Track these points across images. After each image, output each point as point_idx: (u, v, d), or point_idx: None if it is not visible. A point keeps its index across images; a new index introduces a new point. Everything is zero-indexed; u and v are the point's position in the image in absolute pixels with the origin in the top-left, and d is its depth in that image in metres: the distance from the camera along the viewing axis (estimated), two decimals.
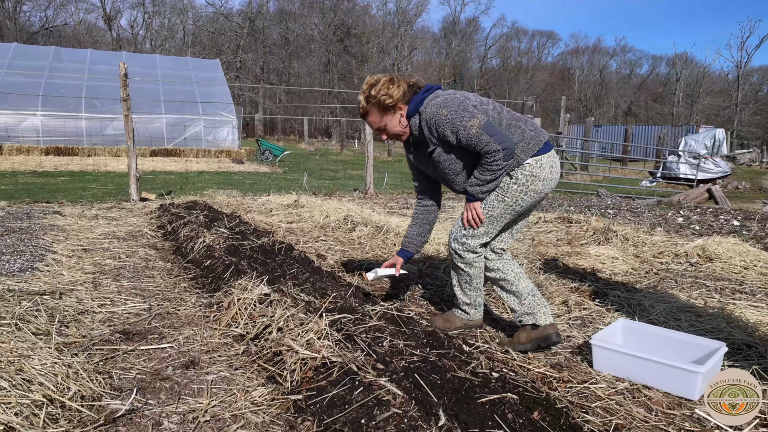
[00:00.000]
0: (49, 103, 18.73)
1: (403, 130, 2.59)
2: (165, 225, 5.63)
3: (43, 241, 4.40)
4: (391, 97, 2.50)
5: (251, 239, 4.48)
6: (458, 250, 2.64)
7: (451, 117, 2.40)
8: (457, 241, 2.64)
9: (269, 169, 16.20)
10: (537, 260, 4.38)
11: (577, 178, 17.85)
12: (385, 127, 2.60)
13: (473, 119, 2.39)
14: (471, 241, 2.60)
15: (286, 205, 7.40)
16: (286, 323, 2.53)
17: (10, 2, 46.80)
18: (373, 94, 2.52)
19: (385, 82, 2.52)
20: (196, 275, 3.76)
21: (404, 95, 2.53)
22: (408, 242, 2.94)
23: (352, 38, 54.26)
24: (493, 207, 2.55)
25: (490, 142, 2.36)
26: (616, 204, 9.58)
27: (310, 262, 3.85)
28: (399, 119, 2.56)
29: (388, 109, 2.54)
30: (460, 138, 2.42)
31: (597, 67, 70.85)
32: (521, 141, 2.49)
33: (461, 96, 2.51)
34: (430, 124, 2.47)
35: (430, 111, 2.47)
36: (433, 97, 2.52)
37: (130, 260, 4.09)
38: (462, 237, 2.62)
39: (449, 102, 2.45)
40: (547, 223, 6.48)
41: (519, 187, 2.51)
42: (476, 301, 2.77)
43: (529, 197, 2.54)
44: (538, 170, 2.50)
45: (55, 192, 9.33)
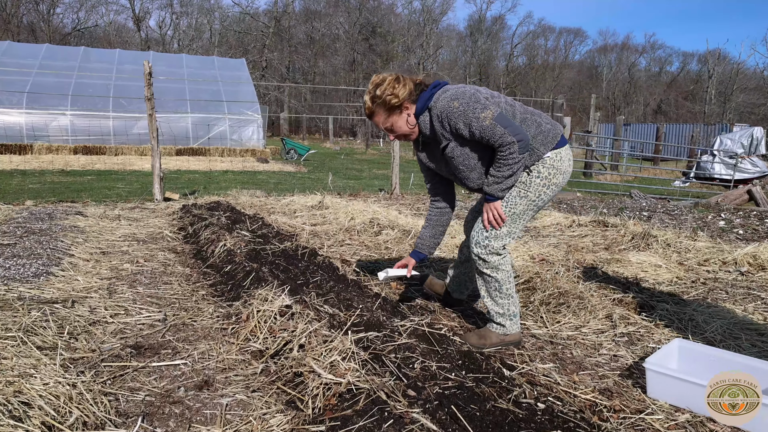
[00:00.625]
0: (78, 102, 18.95)
1: (411, 130, 2.52)
2: (186, 227, 5.49)
3: (61, 243, 4.29)
4: (397, 96, 2.43)
5: (274, 243, 4.31)
6: (482, 255, 2.51)
7: (464, 109, 2.34)
8: (480, 245, 2.51)
9: (294, 168, 16.10)
10: (575, 268, 4.11)
11: (607, 178, 17.38)
12: (392, 128, 2.52)
13: (486, 110, 2.32)
14: (494, 243, 2.49)
15: (311, 206, 7.23)
16: (309, 340, 2.33)
17: (44, 5, 47.78)
18: (379, 94, 2.44)
19: (391, 82, 2.45)
20: (216, 282, 3.59)
21: (410, 94, 2.46)
22: (421, 244, 2.85)
23: (378, 37, 54.09)
24: (515, 204, 2.47)
25: (504, 133, 2.29)
26: (651, 206, 9.20)
27: (334, 268, 3.65)
28: (406, 119, 2.49)
29: (395, 109, 2.47)
30: (473, 130, 2.34)
31: (626, 65, 69.55)
32: (539, 134, 2.44)
33: (472, 89, 2.44)
34: (442, 118, 2.40)
35: (441, 105, 2.40)
36: (442, 92, 2.45)
37: (149, 265, 3.94)
38: (484, 240, 2.50)
39: (460, 94, 2.38)
40: (581, 226, 6.19)
41: (542, 180, 2.45)
42: (510, 310, 2.58)
43: (551, 191, 2.49)
44: (559, 163, 2.46)
45: (80, 191, 9.32)
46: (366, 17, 53.89)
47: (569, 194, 10.92)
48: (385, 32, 54.50)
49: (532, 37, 68.54)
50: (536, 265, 4.10)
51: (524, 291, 3.41)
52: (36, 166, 13.97)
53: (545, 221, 6.53)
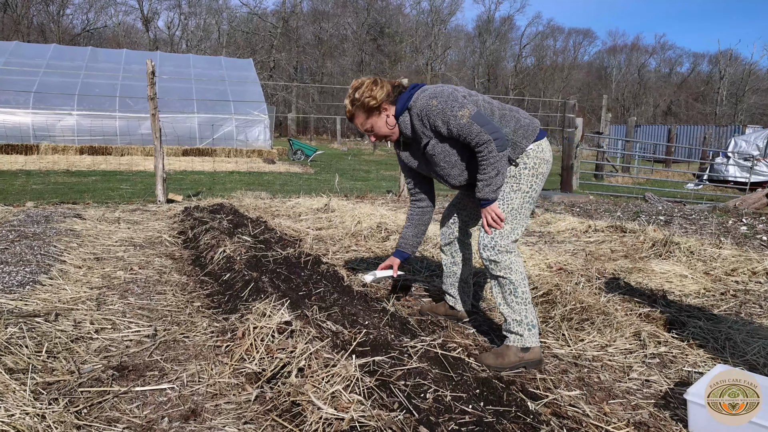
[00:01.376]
0: (84, 102, 18.84)
1: (390, 131, 2.58)
2: (186, 230, 5.29)
3: (54, 248, 4.09)
4: (375, 98, 2.49)
5: (276, 249, 4.08)
6: (491, 257, 2.46)
7: (442, 107, 2.38)
8: (488, 248, 2.47)
9: (301, 169, 15.90)
10: (596, 278, 3.85)
11: (618, 180, 17.06)
12: (372, 128, 2.58)
13: (463, 109, 2.36)
14: (501, 241, 2.45)
15: (316, 209, 7.01)
16: (309, 362, 2.10)
17: (54, 6, 47.94)
18: (357, 97, 2.51)
19: (369, 84, 2.51)
20: (213, 291, 3.37)
21: (388, 96, 2.52)
22: (404, 243, 2.90)
23: (386, 37, 53.89)
24: (511, 199, 2.47)
25: (480, 132, 2.32)
26: (667, 210, 8.91)
27: (339, 278, 3.42)
28: (386, 120, 2.55)
29: (373, 111, 2.53)
30: (451, 128, 2.38)
31: (635, 66, 69.04)
32: (519, 129, 2.49)
33: (450, 88, 2.47)
34: (422, 116, 2.45)
35: (420, 103, 2.45)
36: (421, 92, 2.50)
37: (143, 272, 3.73)
38: (491, 241, 2.46)
39: (438, 93, 2.43)
40: (598, 232, 5.92)
41: (529, 171, 2.49)
42: (527, 318, 2.45)
43: (540, 181, 2.52)
44: (542, 153, 2.51)
45: (83, 192, 9.16)
46: (374, 17, 53.73)
47: (582, 197, 10.64)
48: (393, 33, 54.30)
49: (541, 37, 68.17)
50: (554, 276, 3.86)
51: (543, 305, 3.17)
52: (41, 167, 13.85)
53: (560, 226, 6.28)
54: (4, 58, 19.91)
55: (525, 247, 4.89)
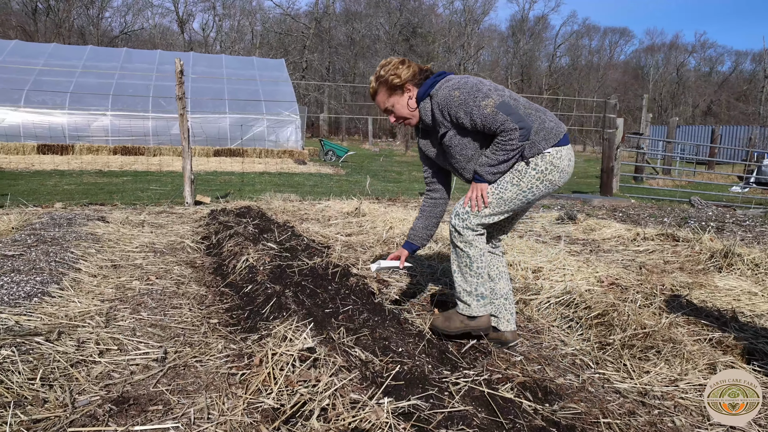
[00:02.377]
0: (118, 103, 19.02)
1: (411, 114, 2.53)
2: (210, 235, 5.06)
3: (71, 255, 3.89)
4: (399, 77, 2.46)
5: (302, 259, 3.80)
6: (457, 226, 2.48)
7: (464, 98, 2.33)
8: (458, 216, 2.48)
9: (332, 170, 15.69)
10: (653, 295, 3.46)
11: (658, 183, 16.37)
12: (392, 108, 2.54)
13: (487, 99, 2.30)
14: (473, 219, 2.45)
15: (346, 212, 6.73)
16: (333, 401, 1.80)
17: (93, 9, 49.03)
18: (383, 74, 2.48)
19: (396, 63, 2.49)
20: (232, 306, 3.11)
21: (414, 77, 2.48)
22: (414, 235, 2.79)
23: (418, 38, 53.49)
24: (505, 189, 2.44)
25: (506, 120, 2.26)
26: (718, 215, 8.36)
27: (369, 294, 3.11)
28: (407, 101, 2.51)
29: (396, 89, 2.49)
30: (474, 119, 2.32)
31: (674, 65, 67.19)
32: (542, 130, 2.41)
33: (475, 79, 2.41)
34: (443, 106, 2.39)
35: (442, 93, 2.40)
36: (445, 81, 2.44)
37: (160, 282, 3.49)
38: (464, 213, 2.47)
39: (462, 84, 2.37)
40: (647, 240, 5.49)
41: (537, 174, 2.42)
42: (478, 290, 2.50)
43: (544, 186, 2.45)
44: (558, 161, 2.43)
45: (113, 193, 9.09)
46: (407, 18, 53.39)
47: (623, 201, 10.14)
48: (425, 33, 53.87)
49: (576, 37, 66.90)
50: (606, 291, 3.48)
51: (598, 327, 2.81)
52: (75, 167, 13.95)
53: (605, 233, 5.86)
54: (43, 59, 20.25)
55: (571, 257, 4.52)
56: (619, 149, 12.38)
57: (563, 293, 3.21)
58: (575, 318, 2.96)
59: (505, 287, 2.69)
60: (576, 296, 3.12)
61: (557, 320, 3.02)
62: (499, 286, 2.67)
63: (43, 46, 22.50)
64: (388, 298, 3.23)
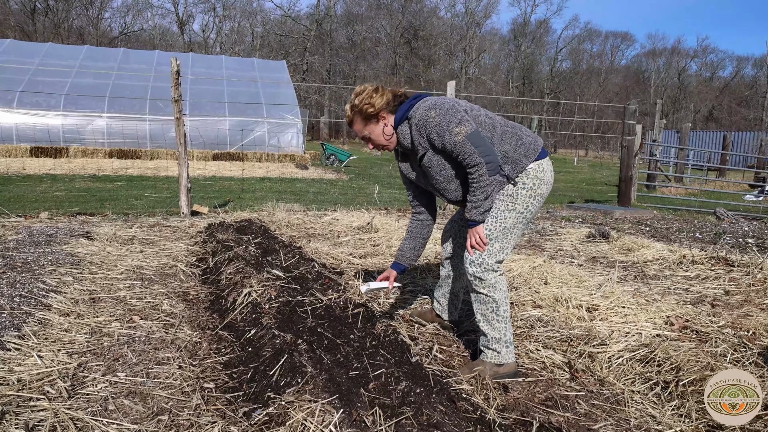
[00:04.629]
0: (115, 104, 18.44)
1: (387, 141, 2.53)
2: (207, 256, 4.47)
3: (42, 286, 3.30)
4: (373, 106, 2.46)
5: (314, 293, 3.21)
6: (476, 273, 2.45)
7: (439, 120, 2.34)
8: (474, 264, 2.46)
9: (335, 175, 15.11)
10: (741, 346, 2.86)
11: (671, 191, 15.80)
12: (369, 136, 2.54)
13: (461, 126, 2.32)
14: (488, 259, 2.45)
15: (357, 227, 6.15)
16: None
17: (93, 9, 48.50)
18: (357, 103, 2.49)
19: (370, 92, 2.48)
20: (232, 359, 2.51)
21: (387, 104, 2.48)
22: (401, 255, 2.85)
23: (420, 40, 52.99)
24: (504, 218, 2.45)
25: (473, 153, 2.29)
26: (755, 231, 7.77)
27: (402, 348, 2.51)
28: (383, 128, 2.51)
29: (371, 118, 2.50)
30: (444, 143, 2.35)
31: (675, 70, 66.86)
32: (521, 146, 2.45)
33: (451, 101, 2.43)
34: (420, 126, 2.41)
35: (419, 113, 2.41)
36: (422, 102, 2.46)
37: (145, 324, 2.89)
38: (478, 258, 2.46)
39: (438, 105, 2.39)
40: (696, 264, 4.91)
41: (527, 192, 2.45)
42: (506, 336, 2.48)
43: (537, 202, 2.49)
44: (542, 173, 2.47)
45: (105, 200, 8.50)
46: (408, 20, 52.91)
47: (646, 213, 9.57)
48: (427, 36, 53.37)
49: (578, 41, 66.50)
50: (682, 338, 2.89)
51: (696, 397, 2.22)
52: (68, 170, 13.35)
53: (645, 255, 5.28)
54: (38, 59, 19.66)
55: (618, 285, 3.93)
56: (637, 157, 11.83)
57: (639, 346, 2.62)
58: (660, 382, 2.37)
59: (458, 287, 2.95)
60: (657, 351, 2.53)
61: (636, 382, 2.43)
62: (454, 285, 2.98)
63: (38, 46, 21.94)
64: (426, 353, 2.63)
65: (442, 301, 3.10)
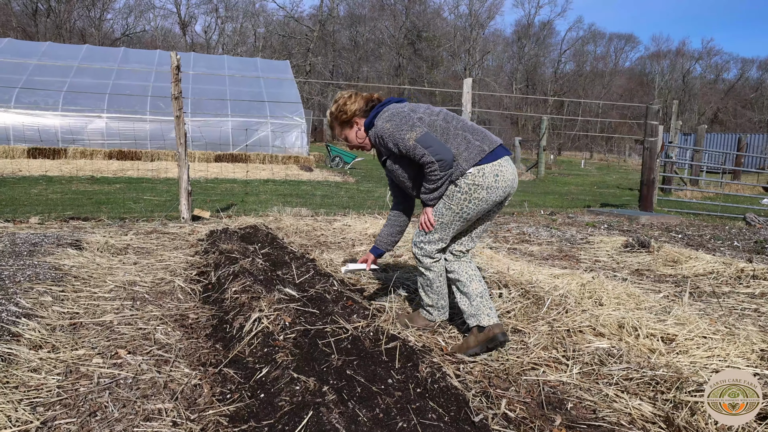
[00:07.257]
0: (115, 104, 17.93)
1: (361, 143, 2.81)
2: (209, 270, 3.95)
3: (14, 309, 2.78)
4: (346, 112, 2.73)
5: (336, 319, 2.69)
6: (417, 255, 2.82)
7: (393, 130, 2.56)
8: (417, 246, 2.81)
9: (340, 177, 14.59)
10: None
11: (687, 194, 15.26)
12: (346, 139, 2.83)
13: (411, 132, 2.51)
14: (428, 247, 2.76)
15: (372, 234, 5.63)
16: None
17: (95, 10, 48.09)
18: (333, 110, 2.78)
19: (345, 99, 2.75)
20: (239, 410, 1.99)
21: (360, 110, 2.73)
22: (380, 241, 3.06)
23: (423, 42, 52.43)
24: (441, 215, 2.66)
25: (425, 153, 2.48)
26: None
27: (458, 399, 1.97)
28: (356, 132, 2.79)
29: (345, 123, 2.78)
30: (400, 149, 2.57)
31: (680, 72, 66.31)
32: (465, 150, 2.57)
33: (408, 109, 2.64)
34: (378, 137, 2.65)
35: (378, 124, 2.64)
36: (383, 112, 2.66)
37: (134, 361, 2.37)
38: (420, 243, 2.78)
39: (394, 115, 2.59)
40: (758, 279, 4.37)
41: (462, 195, 2.60)
42: (438, 303, 2.94)
43: (474, 205, 2.61)
44: (480, 179, 2.57)
45: (102, 204, 7.98)
46: (412, 21, 52.43)
47: (672, 218, 9.04)
48: (430, 37, 52.82)
49: (582, 43, 65.92)
50: None
51: None
52: (66, 172, 12.85)
53: (695, 267, 4.75)
54: (36, 58, 19.17)
55: (676, 306, 3.40)
56: (659, 159, 11.30)
57: None
58: None
59: (479, 287, 2.77)
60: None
61: None
62: (472, 287, 2.74)
63: (37, 45, 21.47)
64: (487, 405, 2.09)
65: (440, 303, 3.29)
